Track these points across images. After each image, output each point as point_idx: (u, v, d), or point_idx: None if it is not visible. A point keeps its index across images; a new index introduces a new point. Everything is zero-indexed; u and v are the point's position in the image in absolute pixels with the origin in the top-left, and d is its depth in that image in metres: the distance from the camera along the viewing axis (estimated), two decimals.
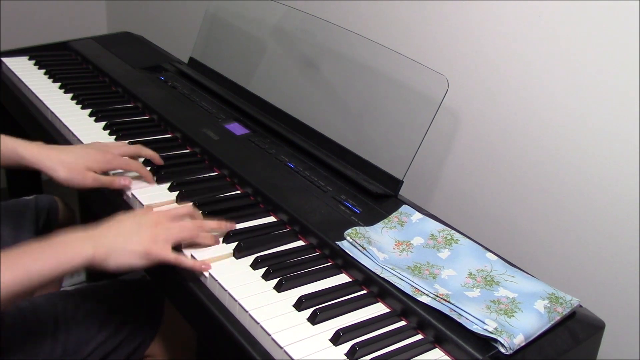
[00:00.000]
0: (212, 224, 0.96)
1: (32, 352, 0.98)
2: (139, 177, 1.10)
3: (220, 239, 0.96)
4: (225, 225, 0.97)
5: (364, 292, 0.90)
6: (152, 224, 0.90)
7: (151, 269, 1.02)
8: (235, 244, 0.95)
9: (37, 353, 0.98)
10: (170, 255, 0.89)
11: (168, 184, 1.10)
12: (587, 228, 1.12)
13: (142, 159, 1.15)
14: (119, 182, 1.07)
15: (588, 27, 1.06)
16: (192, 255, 0.92)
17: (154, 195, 1.07)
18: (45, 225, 1.30)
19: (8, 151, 1.04)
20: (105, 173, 1.08)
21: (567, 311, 0.87)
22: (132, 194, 1.06)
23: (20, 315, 1.01)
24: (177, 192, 1.07)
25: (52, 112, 1.33)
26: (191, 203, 1.04)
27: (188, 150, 1.25)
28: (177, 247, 0.93)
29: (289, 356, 0.77)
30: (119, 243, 0.86)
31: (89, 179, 1.04)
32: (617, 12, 1.01)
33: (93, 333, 1.03)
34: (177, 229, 0.91)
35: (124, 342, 1.06)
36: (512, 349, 0.79)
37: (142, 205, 1.04)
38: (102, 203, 1.13)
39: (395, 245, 0.97)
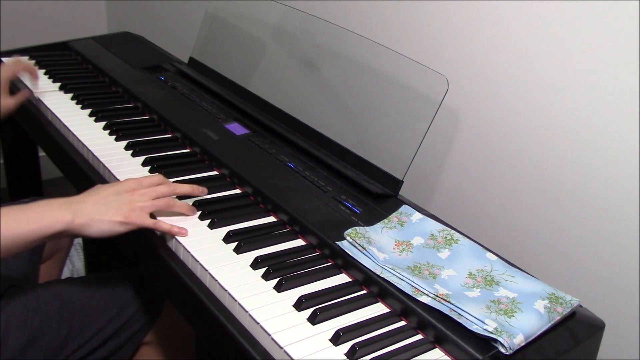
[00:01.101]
0: (186, 187, 1.01)
1: (39, 330, 1.00)
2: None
3: (220, 238, 0.97)
4: (198, 190, 1.02)
5: (364, 292, 0.90)
6: (130, 191, 0.95)
7: (150, 268, 1.03)
8: (235, 243, 0.95)
9: (43, 332, 1.00)
10: (148, 221, 0.94)
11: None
12: (587, 228, 1.12)
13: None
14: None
15: (588, 27, 1.06)
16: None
17: None
18: None
19: None
20: None
21: (567, 311, 0.87)
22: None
23: (25, 296, 1.03)
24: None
25: (52, 112, 1.33)
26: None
27: (188, 150, 1.25)
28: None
29: (289, 356, 0.77)
30: (98, 211, 0.91)
31: None
32: (617, 12, 1.01)
33: (97, 315, 1.06)
34: (153, 195, 0.96)
35: (126, 325, 1.09)
36: (512, 349, 0.79)
37: None
38: None
39: (395, 245, 0.97)
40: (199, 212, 1.01)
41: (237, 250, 0.94)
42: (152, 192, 0.96)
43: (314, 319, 0.82)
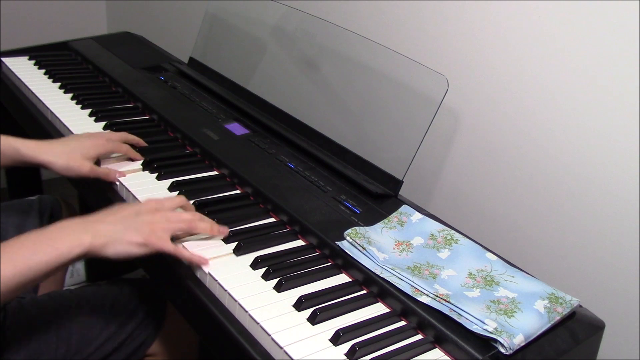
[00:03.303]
0: (207, 222, 0.96)
1: (36, 350, 0.98)
2: (135, 176, 1.10)
3: (220, 239, 0.96)
4: (217, 229, 0.96)
5: (364, 292, 0.90)
6: (151, 213, 0.90)
7: (151, 270, 1.03)
8: (235, 243, 0.95)
9: (41, 351, 0.98)
10: (169, 246, 0.89)
11: (168, 184, 1.10)
12: (587, 228, 1.12)
13: None
14: (114, 174, 1.10)
15: (587, 27, 1.06)
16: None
17: (154, 195, 1.07)
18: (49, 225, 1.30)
19: (7, 149, 1.06)
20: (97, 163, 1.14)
21: (567, 311, 0.87)
22: (133, 194, 1.06)
23: (23, 313, 1.01)
24: (177, 192, 1.07)
25: (52, 112, 1.33)
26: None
27: (188, 150, 1.25)
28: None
29: (289, 356, 0.77)
30: (117, 231, 0.86)
31: (86, 168, 1.07)
32: (616, 12, 1.01)
33: (96, 332, 1.04)
34: (175, 219, 0.92)
35: (127, 341, 1.07)
36: (512, 349, 0.79)
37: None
38: (101, 204, 1.12)
39: (395, 245, 0.97)
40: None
41: (237, 251, 0.94)
42: (174, 216, 0.92)
43: (314, 319, 0.82)
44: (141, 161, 1.16)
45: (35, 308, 1.03)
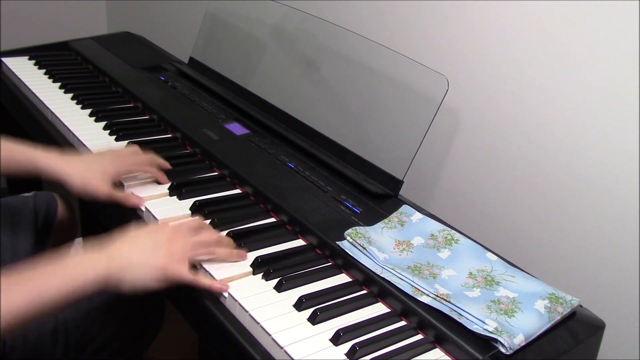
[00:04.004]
0: (225, 247, 0.93)
1: (33, 354, 0.98)
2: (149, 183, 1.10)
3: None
4: (236, 255, 0.93)
5: (364, 292, 0.90)
6: (168, 241, 0.87)
7: None
8: (235, 244, 0.95)
9: (38, 354, 0.98)
10: (188, 276, 0.86)
11: (168, 184, 1.10)
12: (587, 228, 1.12)
13: None
14: (132, 200, 1.04)
15: (587, 28, 1.06)
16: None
17: (159, 201, 1.07)
18: (44, 222, 1.29)
19: (25, 160, 1.02)
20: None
21: (567, 311, 0.87)
22: (131, 192, 1.06)
23: None
24: (177, 194, 1.07)
25: (52, 112, 1.33)
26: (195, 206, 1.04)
27: (188, 150, 1.25)
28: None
29: (289, 356, 0.77)
30: (133, 263, 0.83)
31: (103, 192, 1.01)
32: (616, 13, 1.01)
33: (93, 334, 1.03)
34: (194, 245, 0.89)
35: (126, 342, 1.06)
36: (512, 349, 0.79)
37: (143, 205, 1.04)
38: (103, 204, 1.12)
39: (396, 245, 0.97)
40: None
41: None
42: (192, 243, 0.88)
43: (314, 319, 0.82)
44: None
45: None
